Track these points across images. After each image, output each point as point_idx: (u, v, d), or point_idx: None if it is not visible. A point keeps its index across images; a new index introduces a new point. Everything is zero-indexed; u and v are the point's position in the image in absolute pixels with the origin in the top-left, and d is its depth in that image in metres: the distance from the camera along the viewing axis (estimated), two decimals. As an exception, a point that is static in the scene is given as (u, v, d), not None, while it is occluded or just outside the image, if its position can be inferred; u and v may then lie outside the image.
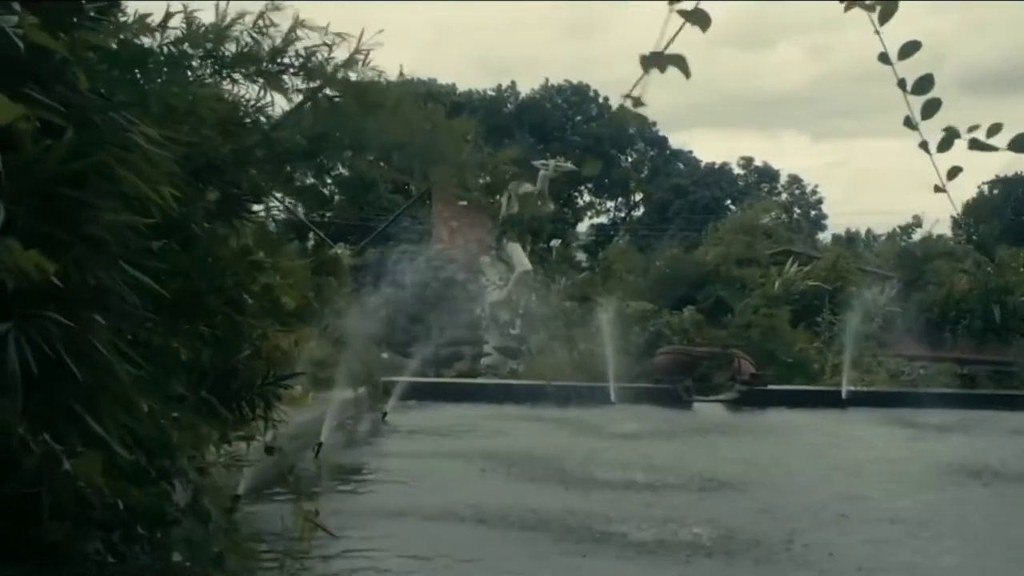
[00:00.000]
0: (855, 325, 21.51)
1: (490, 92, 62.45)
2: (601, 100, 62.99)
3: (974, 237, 45.45)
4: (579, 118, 62.83)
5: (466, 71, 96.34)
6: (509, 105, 62.38)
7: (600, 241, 51.50)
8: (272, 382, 4.75)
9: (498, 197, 27.18)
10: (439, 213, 29.46)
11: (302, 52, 4.25)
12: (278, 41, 4.37)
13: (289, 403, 11.33)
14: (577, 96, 63.15)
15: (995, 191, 58.75)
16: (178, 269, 4.01)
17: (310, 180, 50.80)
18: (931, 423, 16.12)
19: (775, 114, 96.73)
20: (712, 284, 26.30)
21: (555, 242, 35.96)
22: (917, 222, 49.24)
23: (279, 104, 4.66)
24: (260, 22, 4.35)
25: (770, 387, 19.81)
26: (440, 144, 4.83)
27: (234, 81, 4.49)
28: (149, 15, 4.06)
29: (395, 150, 5.07)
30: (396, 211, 33.22)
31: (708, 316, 24.34)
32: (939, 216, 46.46)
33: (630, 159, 64.81)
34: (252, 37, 4.34)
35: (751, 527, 8.29)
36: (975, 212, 56.66)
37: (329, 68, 4.24)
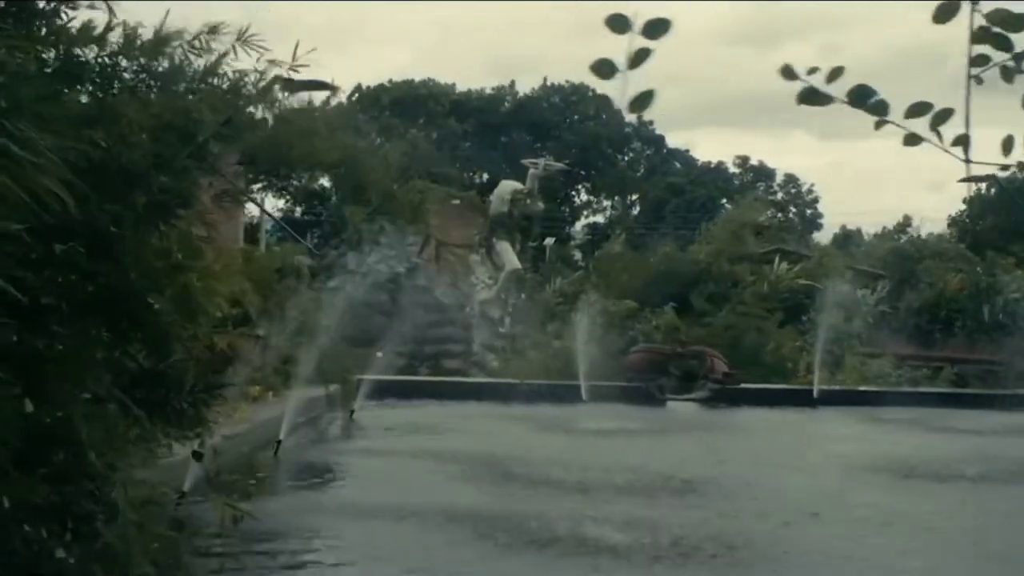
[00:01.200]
0: (831, 323, 21.49)
1: (488, 91, 62.42)
2: (600, 100, 62.83)
3: (967, 237, 45.36)
4: (576, 117, 62.69)
5: (469, 72, 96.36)
6: (506, 104, 62.33)
7: (596, 240, 51.43)
8: (202, 388, 4.77)
9: (488, 198, 27.16)
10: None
11: (231, 75, 4.30)
12: (213, 60, 4.42)
13: (252, 401, 11.41)
14: (576, 95, 62.98)
15: (992, 190, 58.52)
16: (90, 272, 4.09)
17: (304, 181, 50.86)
18: (900, 420, 16.11)
19: (781, 113, 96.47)
20: (704, 282, 26.24)
21: (549, 241, 35.90)
22: (907, 222, 49.24)
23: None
24: (197, 41, 4.41)
25: (743, 386, 19.78)
26: (368, 170, 4.90)
27: (171, 94, 4.56)
28: (70, 21, 4.13)
29: (325, 171, 5.13)
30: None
31: (697, 314, 24.30)
32: (935, 215, 46.57)
33: (627, 158, 64.74)
34: (186, 55, 4.40)
35: (707, 527, 8.30)
36: (971, 210, 56.44)
37: (256, 91, 4.28)
